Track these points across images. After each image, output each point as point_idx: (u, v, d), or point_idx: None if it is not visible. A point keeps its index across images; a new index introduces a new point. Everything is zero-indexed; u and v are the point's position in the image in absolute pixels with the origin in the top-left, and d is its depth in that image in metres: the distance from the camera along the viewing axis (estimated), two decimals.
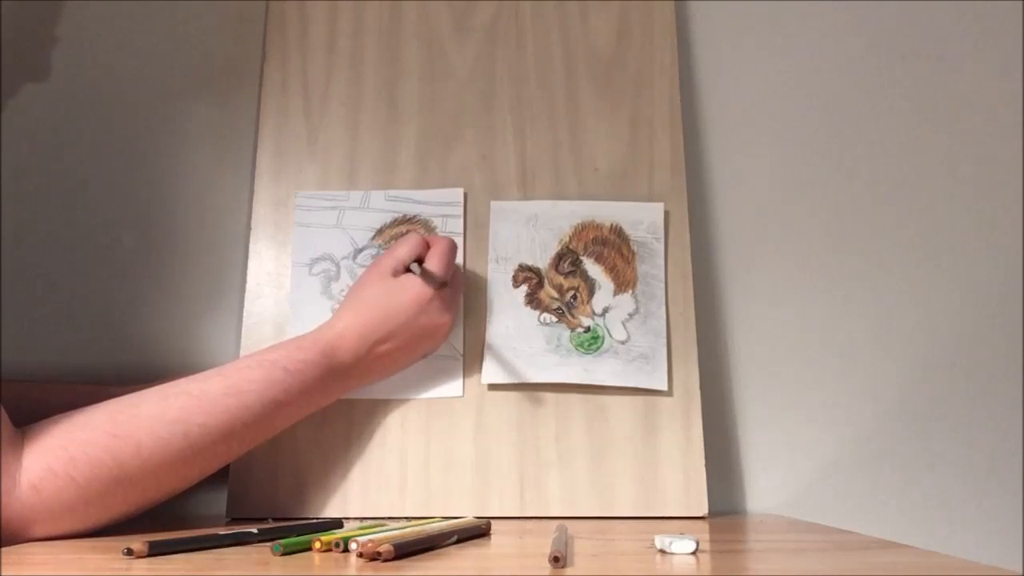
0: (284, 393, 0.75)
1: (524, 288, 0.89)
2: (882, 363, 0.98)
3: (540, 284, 0.89)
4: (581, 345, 0.87)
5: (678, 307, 0.89)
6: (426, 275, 0.81)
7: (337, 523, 0.71)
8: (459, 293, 0.87)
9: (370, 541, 0.55)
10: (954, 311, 0.99)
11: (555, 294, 0.89)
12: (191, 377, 0.73)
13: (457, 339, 0.88)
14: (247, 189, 0.95)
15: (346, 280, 0.89)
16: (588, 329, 0.88)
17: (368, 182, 0.92)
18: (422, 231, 0.90)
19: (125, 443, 0.66)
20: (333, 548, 0.59)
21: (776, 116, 1.01)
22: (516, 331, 0.88)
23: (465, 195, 0.92)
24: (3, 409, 0.64)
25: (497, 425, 0.86)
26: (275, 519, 0.80)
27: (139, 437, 0.67)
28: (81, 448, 0.65)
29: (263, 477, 0.84)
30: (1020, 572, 0.49)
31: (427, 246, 0.84)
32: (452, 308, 0.84)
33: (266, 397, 0.73)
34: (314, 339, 0.78)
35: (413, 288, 0.81)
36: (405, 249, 0.82)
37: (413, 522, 0.70)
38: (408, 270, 0.82)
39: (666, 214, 0.91)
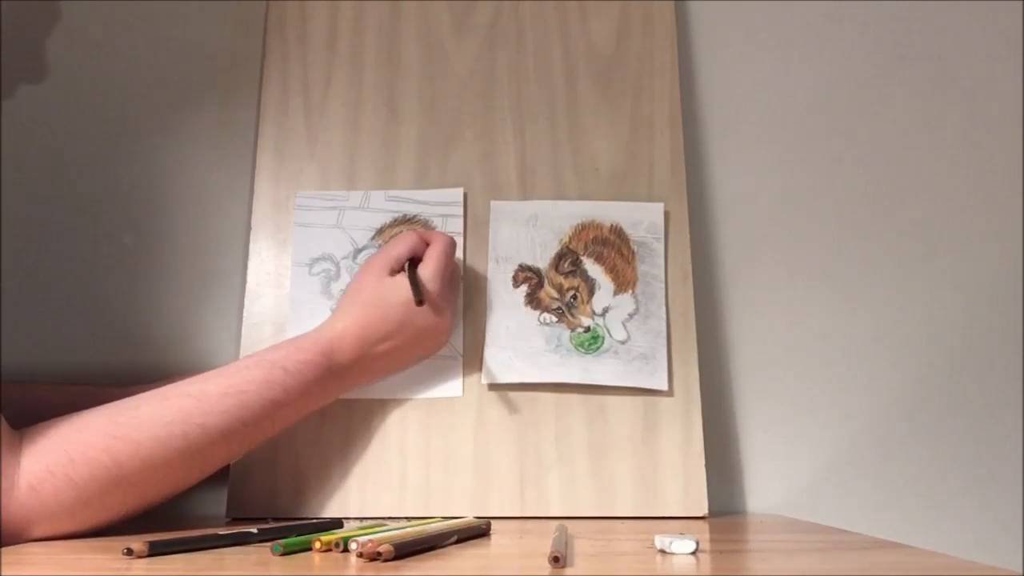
0: (284, 393, 0.74)
1: (524, 288, 0.89)
2: (882, 363, 0.98)
3: (540, 284, 0.89)
4: (581, 345, 0.87)
5: (678, 307, 0.89)
6: (413, 286, 0.79)
7: (337, 523, 0.71)
8: (457, 292, 0.86)
9: (370, 541, 0.55)
10: (954, 311, 0.99)
11: (555, 294, 0.89)
12: (191, 378, 0.73)
13: (457, 339, 0.87)
14: (247, 189, 0.95)
15: (346, 280, 0.88)
16: (588, 329, 0.88)
17: (368, 182, 0.92)
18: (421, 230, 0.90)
19: (124, 444, 0.66)
20: (333, 548, 0.59)
21: (776, 116, 1.01)
22: (516, 331, 0.88)
23: (465, 195, 0.91)
24: (0, 412, 0.64)
25: (497, 425, 0.86)
26: (275, 519, 0.80)
27: (138, 438, 0.67)
28: (80, 450, 0.65)
29: (263, 477, 0.84)
30: (1020, 572, 0.49)
31: (425, 244, 0.83)
32: (448, 308, 0.83)
33: (265, 397, 0.73)
34: (314, 339, 0.78)
35: (406, 289, 0.80)
36: (401, 247, 0.82)
37: (413, 522, 0.70)
38: (404, 270, 0.81)
39: (666, 214, 0.91)
